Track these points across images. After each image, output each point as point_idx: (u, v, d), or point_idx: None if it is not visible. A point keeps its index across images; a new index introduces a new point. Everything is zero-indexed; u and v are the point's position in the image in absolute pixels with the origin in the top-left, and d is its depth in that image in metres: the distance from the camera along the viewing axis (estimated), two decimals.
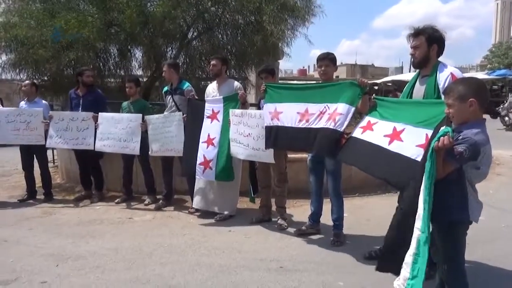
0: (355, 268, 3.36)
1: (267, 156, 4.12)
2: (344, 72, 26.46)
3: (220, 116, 4.68)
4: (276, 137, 3.94)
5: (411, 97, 3.18)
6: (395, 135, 2.96)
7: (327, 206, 4.13)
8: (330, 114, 3.54)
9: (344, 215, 3.98)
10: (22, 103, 5.84)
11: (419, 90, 3.10)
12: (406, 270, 2.33)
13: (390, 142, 2.95)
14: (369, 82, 3.71)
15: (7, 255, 3.71)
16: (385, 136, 3.03)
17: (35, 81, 6.50)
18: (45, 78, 7.65)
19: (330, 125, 3.50)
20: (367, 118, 3.38)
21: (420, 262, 2.25)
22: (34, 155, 5.76)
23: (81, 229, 4.45)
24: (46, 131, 5.50)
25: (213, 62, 4.85)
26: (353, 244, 3.85)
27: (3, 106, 7.23)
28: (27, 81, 5.98)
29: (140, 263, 3.47)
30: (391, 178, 2.98)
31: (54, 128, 5.46)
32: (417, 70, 3.28)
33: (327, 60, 3.85)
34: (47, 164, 6.04)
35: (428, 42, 2.99)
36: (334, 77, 4.18)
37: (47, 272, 3.31)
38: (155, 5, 7.32)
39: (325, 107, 3.62)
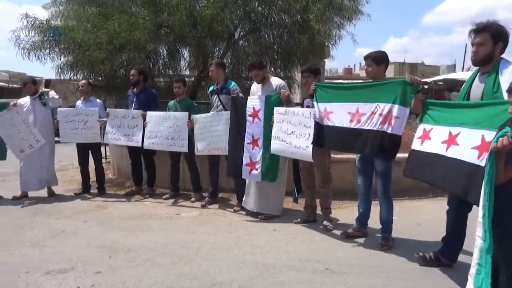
0: (405, 274, 3.24)
1: (307, 155, 4.08)
2: (392, 70, 25.58)
3: (261, 115, 4.69)
4: (326, 136, 3.93)
5: (468, 96, 3.01)
6: (451, 140, 2.83)
7: (375, 208, 4.02)
8: (383, 116, 3.46)
9: (393, 218, 3.85)
10: (79, 102, 6.18)
11: (478, 88, 2.93)
12: (470, 282, 2.21)
13: (447, 148, 2.83)
14: (425, 80, 3.56)
15: (65, 245, 3.94)
16: (442, 142, 2.91)
17: (90, 81, 6.86)
18: (100, 78, 8.03)
19: (388, 129, 3.43)
20: (421, 126, 3.26)
21: (484, 273, 2.12)
22: (90, 151, 6.07)
23: (131, 223, 4.64)
24: (101, 129, 5.79)
25: (252, 73, 4.86)
26: (402, 249, 3.71)
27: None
28: (83, 81, 6.32)
29: (187, 259, 3.55)
30: (452, 187, 2.85)
31: (110, 125, 5.75)
32: (476, 68, 3.09)
33: (369, 60, 3.78)
34: (101, 160, 6.35)
35: (494, 39, 2.81)
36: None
37: (100, 263, 3.48)
38: (203, 7, 7.45)
39: (376, 107, 3.54)
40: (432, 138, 3.06)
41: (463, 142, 2.70)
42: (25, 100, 5.91)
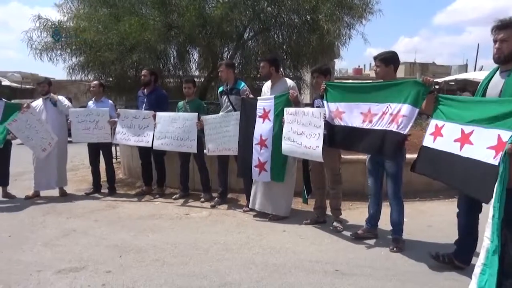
0: (416, 276, 3.20)
1: (317, 155, 4.06)
2: (403, 70, 25.39)
3: (271, 116, 4.68)
4: (339, 136, 3.94)
5: (485, 94, 2.93)
6: (464, 139, 2.79)
7: (385, 210, 3.99)
8: (393, 115, 3.46)
9: (404, 220, 3.81)
10: (90, 103, 6.23)
11: (496, 85, 2.83)
12: (473, 281, 2.19)
13: (461, 147, 2.79)
14: (436, 80, 3.52)
15: (76, 244, 3.98)
16: (455, 141, 2.87)
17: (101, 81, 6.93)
18: (110, 79, 8.11)
19: (393, 127, 3.43)
20: (433, 122, 3.22)
21: (488, 273, 2.10)
22: (101, 151, 6.13)
23: (141, 223, 4.66)
24: (112, 129, 5.84)
25: (261, 64, 4.89)
26: (413, 251, 3.67)
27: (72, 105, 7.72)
28: (95, 82, 6.37)
29: (197, 259, 3.56)
30: (466, 187, 2.81)
31: (120, 125, 5.80)
32: (494, 66, 3.00)
33: (378, 61, 3.78)
34: (112, 160, 6.41)
35: None
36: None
37: (111, 262, 3.50)
38: (213, 8, 7.48)
39: (387, 107, 3.54)
40: (445, 136, 3.03)
41: (478, 142, 2.66)
42: (37, 103, 6.00)
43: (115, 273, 3.26)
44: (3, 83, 7.77)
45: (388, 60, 3.75)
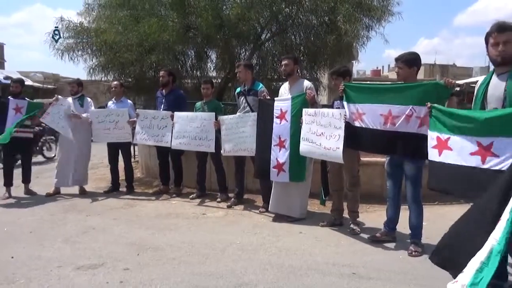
0: (435, 281, 3.13)
1: (337, 156, 4.03)
2: (422, 72, 25.01)
3: (288, 116, 4.66)
4: (359, 138, 3.91)
5: (485, 97, 2.86)
6: (485, 151, 2.71)
7: (403, 213, 3.93)
8: (421, 118, 3.41)
9: (423, 223, 3.75)
10: (110, 103, 6.34)
11: (497, 87, 2.78)
12: (467, 275, 2.12)
13: (483, 161, 2.72)
14: (456, 82, 3.44)
15: (95, 241, 4.05)
16: (471, 154, 2.80)
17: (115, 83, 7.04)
18: (129, 79, 8.23)
19: (424, 130, 3.35)
20: (433, 134, 3.16)
21: (485, 272, 2.05)
22: (120, 151, 6.22)
23: (159, 222, 4.71)
24: (132, 129, 5.93)
25: (285, 62, 4.85)
26: None
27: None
28: (115, 82, 6.48)
29: (213, 259, 3.58)
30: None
31: (140, 125, 5.88)
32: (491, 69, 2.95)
33: (400, 62, 3.72)
34: (130, 159, 6.50)
35: None
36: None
37: (129, 259, 3.55)
38: (230, 8, 7.51)
39: (410, 109, 3.48)
40: (454, 149, 2.96)
41: (504, 152, 2.61)
42: (68, 100, 6.17)
43: (133, 271, 3.30)
44: (26, 83, 7.96)
45: (411, 62, 3.70)
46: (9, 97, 5.95)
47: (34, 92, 22.55)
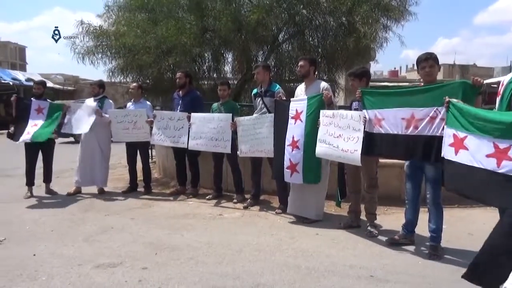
0: (455, 285, 3.08)
1: (355, 159, 3.99)
2: (441, 72, 24.59)
3: (303, 117, 4.64)
4: (379, 144, 3.83)
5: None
6: (501, 154, 2.62)
7: (422, 215, 3.88)
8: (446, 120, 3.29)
9: (443, 226, 3.68)
10: (129, 104, 6.44)
11: None
12: None
13: (499, 164, 2.63)
14: (484, 81, 3.31)
15: (113, 240, 4.11)
16: (488, 156, 2.72)
17: (133, 85, 7.15)
18: (147, 81, 8.35)
19: None
20: (450, 131, 3.09)
21: None
22: (138, 151, 6.31)
23: (176, 222, 4.76)
24: (151, 129, 6.01)
25: (301, 63, 4.85)
26: (452, 259, 3.55)
27: None
28: (134, 84, 6.58)
29: (230, 259, 3.59)
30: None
31: (156, 126, 5.95)
32: None
33: (432, 60, 3.59)
34: (148, 160, 6.58)
35: None
36: None
37: (147, 259, 3.59)
38: (248, 12, 7.54)
39: (435, 111, 3.38)
40: (470, 149, 2.88)
41: None
42: (90, 101, 6.39)
43: (151, 270, 3.35)
44: (46, 85, 8.15)
45: (438, 60, 3.64)
46: (31, 98, 6.12)
47: (54, 93, 23.07)
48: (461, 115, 3.02)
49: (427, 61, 3.59)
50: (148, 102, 6.53)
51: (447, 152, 3.11)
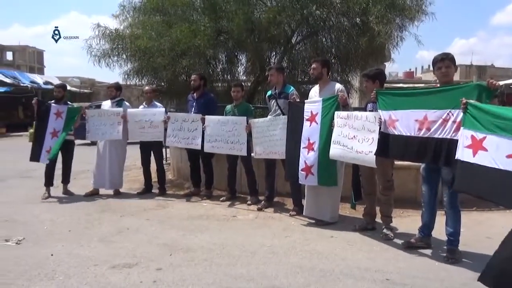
0: None
1: (370, 160, 3.95)
2: (458, 73, 24.20)
3: (318, 118, 4.62)
4: (394, 146, 3.79)
5: None
6: None
7: (439, 218, 3.81)
8: (458, 123, 3.25)
9: (461, 230, 3.61)
10: (141, 107, 6.52)
11: None
12: None
13: None
14: (500, 83, 3.26)
15: (129, 241, 4.15)
16: (508, 157, 2.67)
17: (153, 86, 7.23)
18: (162, 83, 8.43)
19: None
20: (467, 132, 3.03)
21: None
22: (152, 152, 6.36)
23: (190, 223, 4.78)
24: (165, 130, 6.06)
25: (313, 65, 4.83)
26: (470, 263, 3.48)
27: None
28: (147, 87, 6.61)
29: (244, 261, 3.59)
30: None
31: (171, 128, 5.99)
32: None
33: (448, 61, 3.53)
34: (162, 161, 6.64)
35: None
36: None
37: (161, 260, 3.62)
38: (261, 12, 7.55)
39: (448, 113, 3.33)
40: (490, 150, 2.83)
41: None
42: (107, 104, 6.48)
43: (166, 271, 3.37)
44: (67, 88, 8.29)
45: (455, 60, 3.58)
46: (50, 101, 6.24)
47: (71, 96, 23.47)
48: (481, 115, 2.97)
49: (443, 61, 3.54)
50: (159, 104, 6.58)
51: (464, 154, 3.05)
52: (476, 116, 3.01)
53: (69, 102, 6.37)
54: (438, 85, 3.75)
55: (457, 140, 3.22)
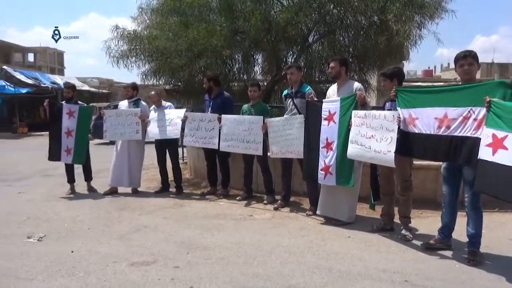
0: None
1: (389, 160, 3.89)
2: (479, 71, 23.65)
3: (336, 118, 4.58)
4: (413, 144, 3.75)
5: None
6: None
7: (459, 219, 3.74)
8: (479, 121, 3.19)
9: (482, 231, 3.53)
10: (150, 108, 6.55)
11: None
12: None
13: None
14: None
15: (147, 239, 4.20)
16: None
17: (167, 87, 7.26)
18: (179, 84, 8.50)
19: (480, 133, 3.16)
20: (488, 131, 2.97)
21: None
22: (167, 150, 6.42)
23: (207, 222, 4.81)
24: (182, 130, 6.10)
25: (331, 64, 4.80)
26: (492, 265, 3.40)
27: None
28: (152, 92, 6.51)
29: (260, 260, 3.59)
30: None
31: (188, 128, 6.04)
32: None
33: (471, 58, 3.45)
34: (178, 160, 6.69)
35: None
36: None
37: (179, 258, 3.65)
38: (278, 12, 7.53)
39: (469, 111, 3.27)
40: (510, 149, 2.76)
41: None
42: (123, 104, 6.57)
43: (183, 269, 3.39)
44: (83, 88, 8.46)
45: (477, 58, 3.50)
46: (62, 102, 6.38)
47: (90, 96, 23.91)
48: (503, 114, 2.90)
49: (466, 59, 3.46)
50: (169, 103, 6.61)
51: (484, 153, 2.99)
52: (499, 114, 2.94)
53: (79, 102, 6.49)
54: (460, 83, 3.67)
55: (477, 138, 3.16)
